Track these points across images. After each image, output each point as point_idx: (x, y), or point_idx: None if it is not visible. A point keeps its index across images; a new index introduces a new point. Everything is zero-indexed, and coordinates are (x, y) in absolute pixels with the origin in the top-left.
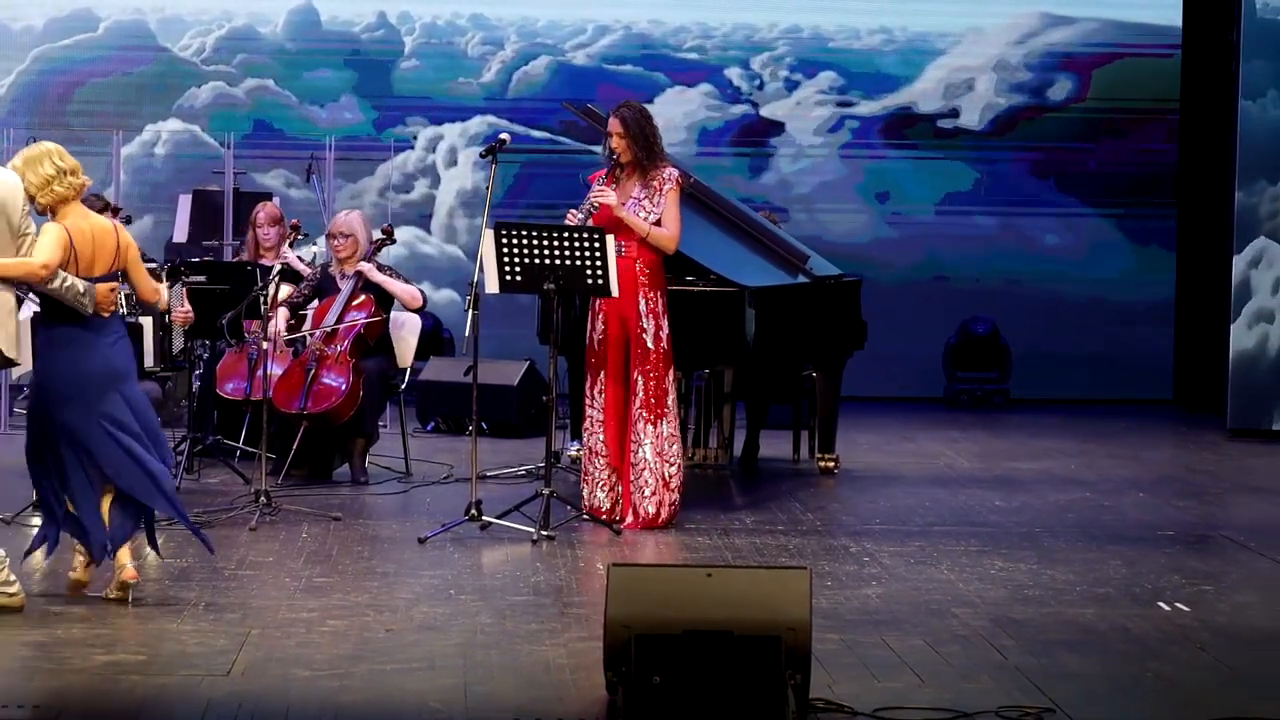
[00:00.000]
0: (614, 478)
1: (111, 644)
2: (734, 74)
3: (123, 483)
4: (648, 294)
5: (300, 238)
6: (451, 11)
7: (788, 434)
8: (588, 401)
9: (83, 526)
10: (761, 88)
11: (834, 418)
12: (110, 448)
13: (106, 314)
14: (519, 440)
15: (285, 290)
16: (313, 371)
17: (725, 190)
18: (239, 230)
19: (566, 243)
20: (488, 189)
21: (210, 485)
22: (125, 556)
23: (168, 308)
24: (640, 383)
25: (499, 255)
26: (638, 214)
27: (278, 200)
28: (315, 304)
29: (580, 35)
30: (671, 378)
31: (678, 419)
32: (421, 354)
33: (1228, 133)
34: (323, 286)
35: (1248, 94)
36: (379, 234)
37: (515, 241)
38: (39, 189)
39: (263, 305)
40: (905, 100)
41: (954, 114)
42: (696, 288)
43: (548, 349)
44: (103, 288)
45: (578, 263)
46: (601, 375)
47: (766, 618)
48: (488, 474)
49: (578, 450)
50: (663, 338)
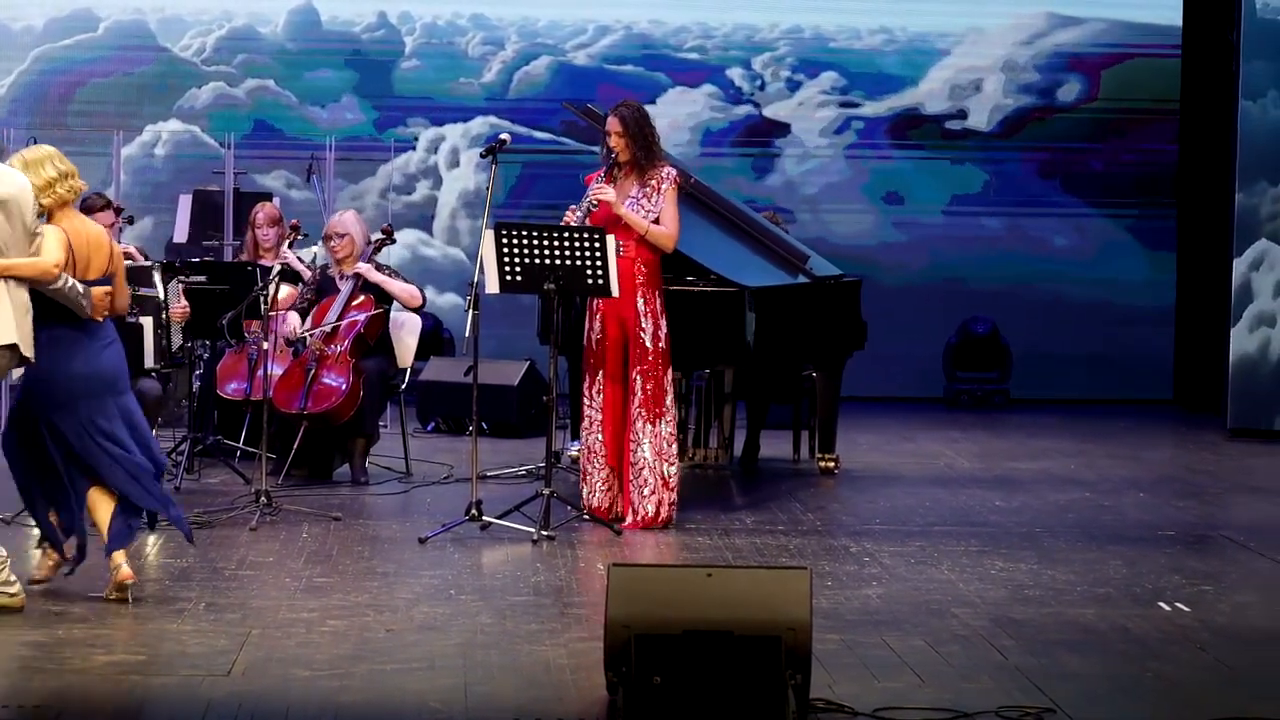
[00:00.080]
0: (612, 478)
1: (112, 644)
2: (735, 74)
3: (114, 483)
4: (646, 294)
5: (300, 238)
6: (452, 11)
7: (788, 434)
8: (586, 401)
9: (50, 524)
10: (763, 88)
11: (834, 418)
12: (94, 449)
13: (100, 318)
14: (519, 440)
15: (285, 290)
16: (313, 372)
17: (729, 192)
18: (239, 231)
19: (567, 243)
20: (488, 189)
21: (211, 485)
22: (120, 557)
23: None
24: (639, 382)
25: (499, 255)
26: (636, 213)
27: (278, 201)
28: (316, 305)
29: (581, 35)
30: (670, 377)
31: (676, 418)
32: (422, 354)
33: (1228, 133)
34: (323, 288)
35: (1248, 94)
36: (379, 234)
37: (515, 241)
38: (41, 191)
39: (263, 306)
40: (912, 101)
41: (961, 115)
42: (697, 288)
43: (548, 349)
44: (98, 291)
45: (578, 263)
46: (600, 375)
47: (767, 618)
48: (488, 474)
49: (578, 450)
50: (661, 337)
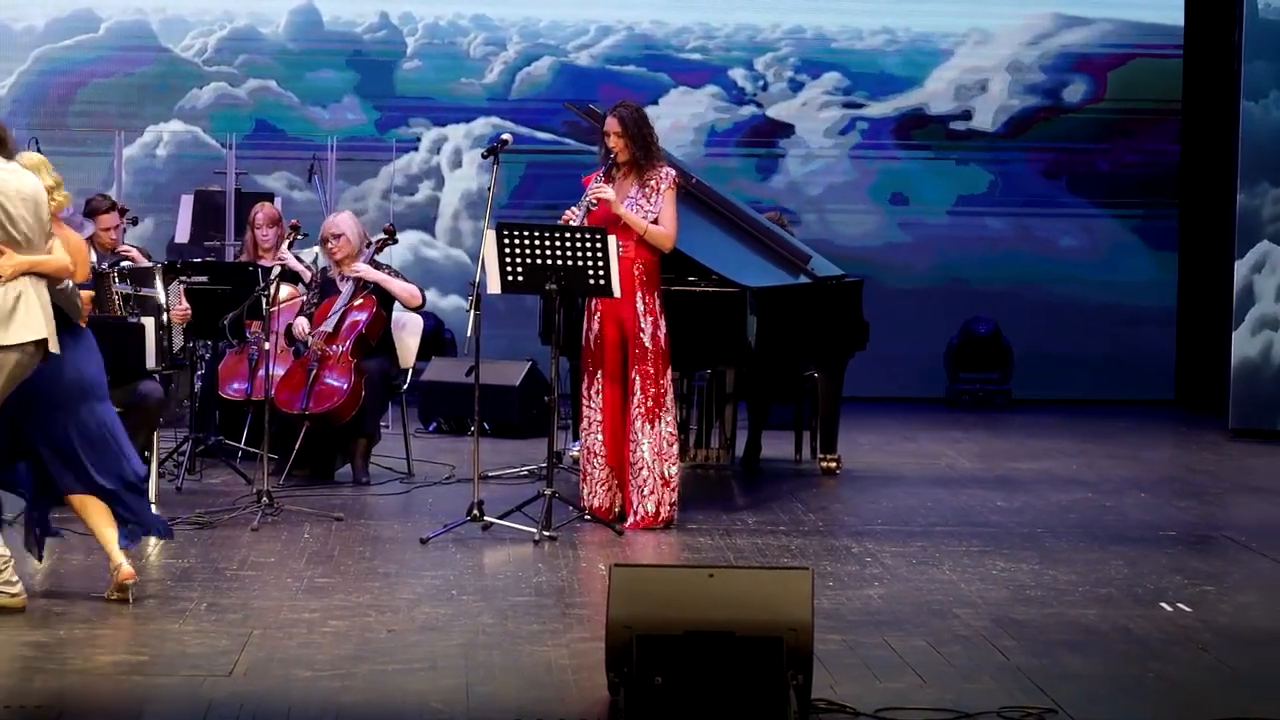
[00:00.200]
0: (612, 478)
1: (113, 644)
2: (738, 75)
3: (103, 484)
4: (645, 294)
5: (300, 238)
6: (454, 12)
7: (789, 434)
8: (585, 401)
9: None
10: (766, 89)
11: (835, 418)
12: (85, 451)
13: (84, 323)
14: (521, 441)
15: (285, 291)
16: (314, 372)
17: (733, 193)
18: (240, 231)
19: (568, 243)
20: (490, 190)
21: (212, 486)
22: (120, 557)
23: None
24: (638, 382)
25: (501, 255)
26: (634, 213)
27: (279, 201)
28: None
29: (583, 36)
30: (669, 377)
31: (676, 418)
32: (423, 354)
33: (1230, 134)
34: (324, 289)
35: (1249, 95)
36: (381, 234)
37: (517, 242)
38: None
39: (264, 306)
40: (917, 102)
41: (966, 115)
42: (698, 288)
43: (549, 349)
44: (85, 295)
45: (579, 263)
46: (598, 375)
47: (768, 618)
48: (489, 474)
49: (579, 451)
50: (660, 337)
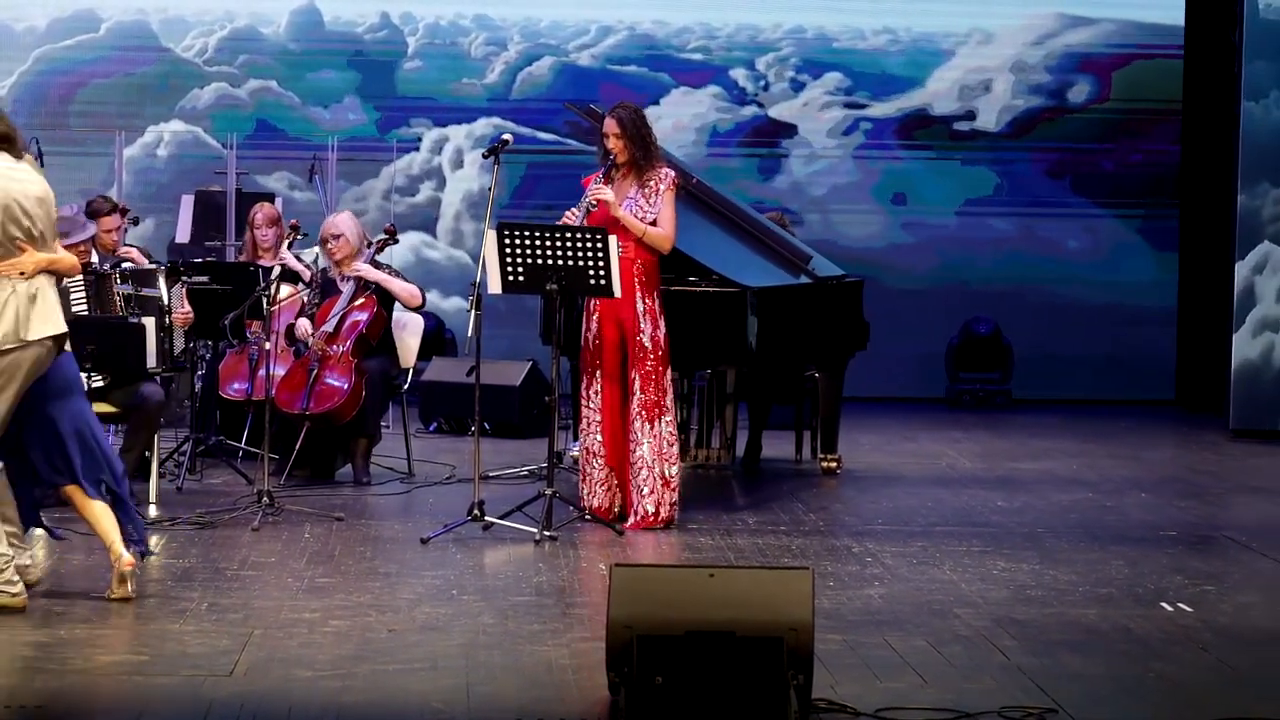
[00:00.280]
0: (611, 478)
1: (114, 644)
2: (739, 75)
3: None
4: (645, 294)
5: (299, 238)
6: (454, 12)
7: (790, 434)
8: (584, 402)
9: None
10: (767, 89)
11: (836, 418)
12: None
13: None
14: (521, 441)
15: (285, 290)
16: (315, 372)
17: (736, 193)
18: (241, 231)
19: (569, 243)
20: (490, 190)
21: (213, 486)
22: (120, 546)
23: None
24: (638, 383)
25: (501, 255)
26: (634, 214)
27: (280, 202)
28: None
29: (584, 36)
30: (669, 377)
31: (676, 418)
32: (424, 354)
33: (1231, 135)
34: (324, 290)
35: (1250, 95)
36: (382, 234)
37: (518, 242)
38: None
39: (265, 306)
40: (920, 102)
41: (970, 116)
42: (699, 288)
43: (550, 349)
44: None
45: (580, 263)
46: (597, 375)
47: (769, 618)
48: (490, 474)
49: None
50: (660, 338)
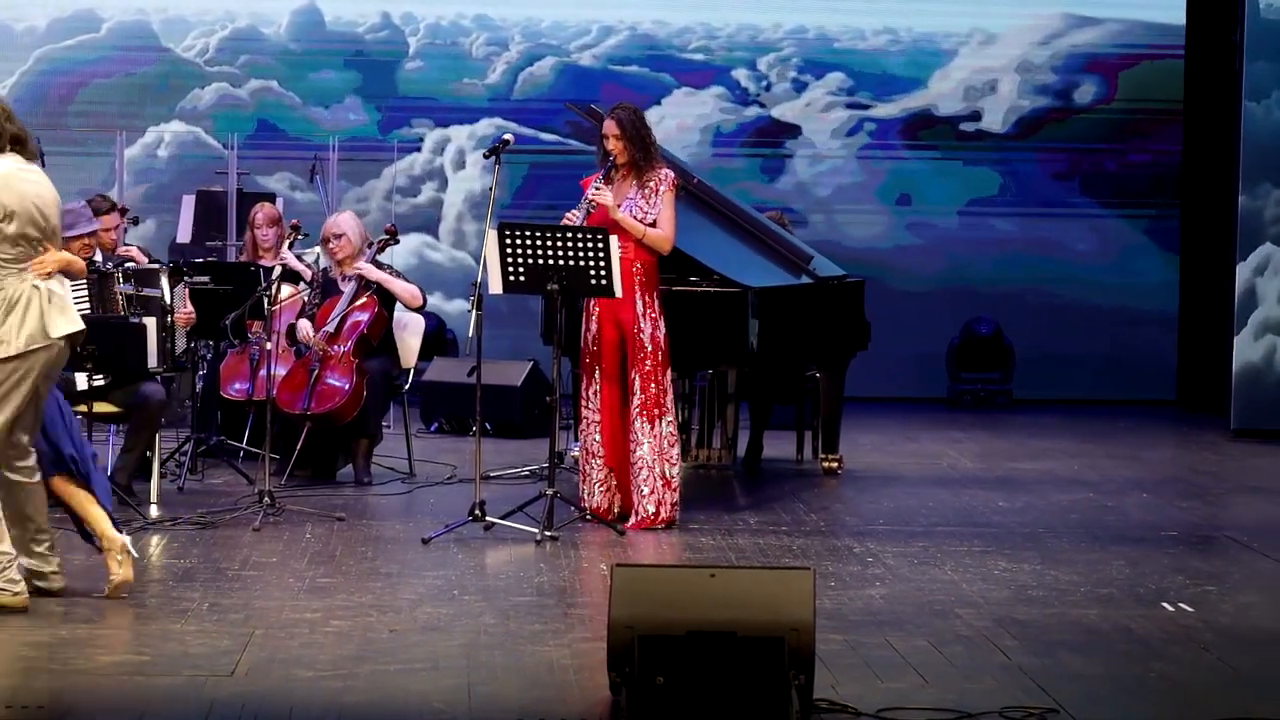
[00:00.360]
0: (610, 478)
1: (115, 644)
2: (741, 75)
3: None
4: (644, 295)
5: (300, 238)
6: (455, 12)
7: (791, 434)
8: (583, 402)
9: None
10: (769, 89)
11: (837, 418)
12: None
13: None
14: (522, 441)
15: (285, 290)
16: (316, 372)
17: (740, 194)
18: (242, 232)
19: (570, 243)
20: (491, 189)
21: (214, 486)
22: (113, 531)
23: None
24: (638, 383)
25: (502, 255)
26: (633, 215)
27: (280, 202)
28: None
29: (585, 36)
30: (669, 377)
31: (676, 418)
32: (425, 354)
33: (1232, 135)
34: (325, 290)
35: (1251, 95)
36: (383, 234)
37: (519, 242)
38: None
39: (266, 306)
40: (925, 102)
41: (976, 116)
42: (700, 288)
43: (551, 349)
44: None
45: (581, 263)
46: (596, 376)
47: (770, 618)
48: (491, 474)
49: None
50: (660, 338)
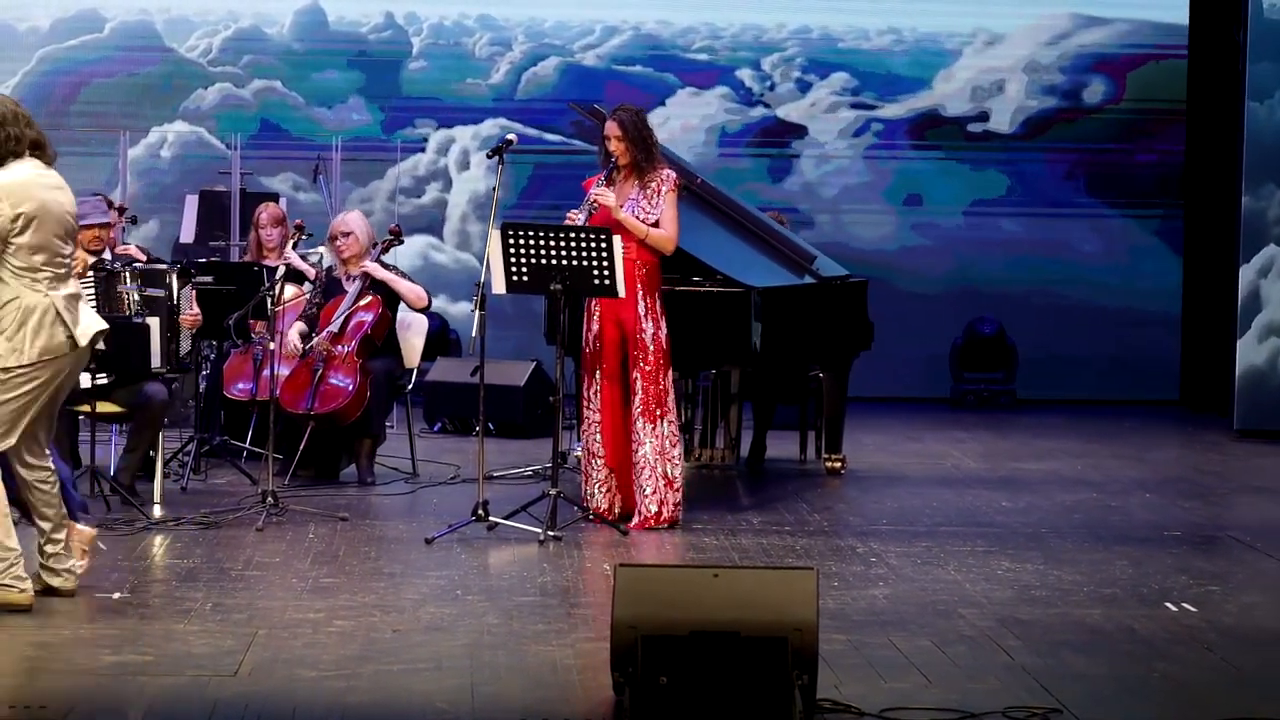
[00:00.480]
0: (611, 478)
1: (118, 644)
2: (745, 75)
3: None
4: (646, 295)
5: (304, 238)
6: (459, 12)
7: (794, 434)
8: (584, 402)
9: None
10: (773, 89)
11: (840, 418)
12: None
13: None
14: (526, 441)
15: (290, 290)
16: (320, 372)
17: (746, 195)
18: (245, 232)
19: (573, 243)
20: (494, 189)
21: (217, 486)
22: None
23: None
24: (640, 383)
25: (506, 255)
26: (635, 215)
27: (284, 202)
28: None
29: (588, 36)
30: (670, 377)
31: (678, 418)
32: (428, 354)
33: (1235, 135)
34: (329, 289)
35: (1254, 95)
36: (387, 234)
37: (522, 242)
38: None
39: (269, 306)
40: (933, 103)
41: (983, 117)
42: (703, 288)
43: (554, 349)
44: None
45: (584, 263)
46: (598, 375)
47: (773, 618)
48: (494, 474)
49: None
50: (661, 338)
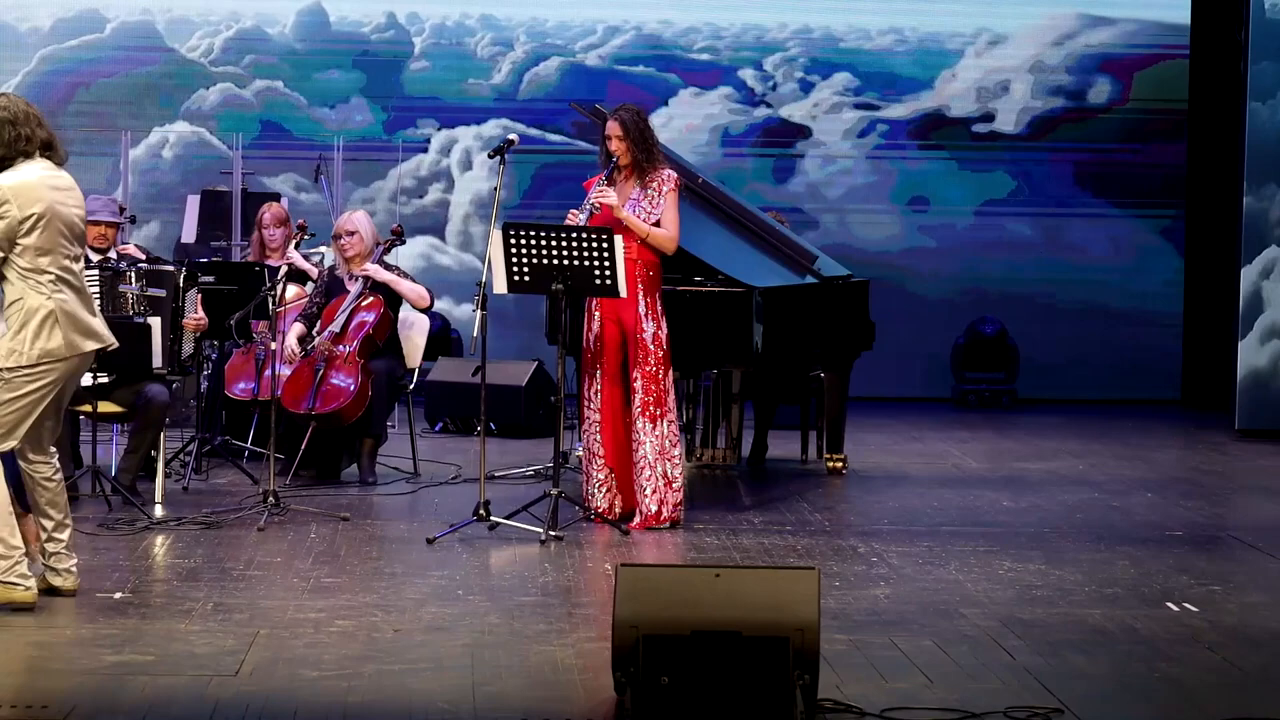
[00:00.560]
0: (611, 478)
1: (120, 644)
2: (748, 75)
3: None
4: (647, 295)
5: (306, 238)
6: (460, 12)
7: (796, 434)
8: (585, 402)
9: None
10: (775, 89)
11: (842, 418)
12: None
13: None
14: (527, 441)
15: (292, 290)
16: (321, 372)
17: (751, 196)
18: (247, 231)
19: (575, 243)
20: (496, 189)
21: (218, 486)
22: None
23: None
24: (640, 382)
25: (507, 255)
26: (636, 215)
27: (285, 202)
28: (324, 307)
29: (590, 36)
30: (671, 377)
31: (678, 418)
32: (430, 354)
33: (1236, 136)
34: (330, 289)
35: (1256, 95)
36: (389, 235)
37: (524, 241)
38: None
39: (271, 306)
40: (938, 103)
41: (989, 118)
42: (704, 288)
43: (555, 349)
44: None
45: (586, 263)
46: (598, 375)
47: (774, 618)
48: (496, 474)
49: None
50: (662, 338)
